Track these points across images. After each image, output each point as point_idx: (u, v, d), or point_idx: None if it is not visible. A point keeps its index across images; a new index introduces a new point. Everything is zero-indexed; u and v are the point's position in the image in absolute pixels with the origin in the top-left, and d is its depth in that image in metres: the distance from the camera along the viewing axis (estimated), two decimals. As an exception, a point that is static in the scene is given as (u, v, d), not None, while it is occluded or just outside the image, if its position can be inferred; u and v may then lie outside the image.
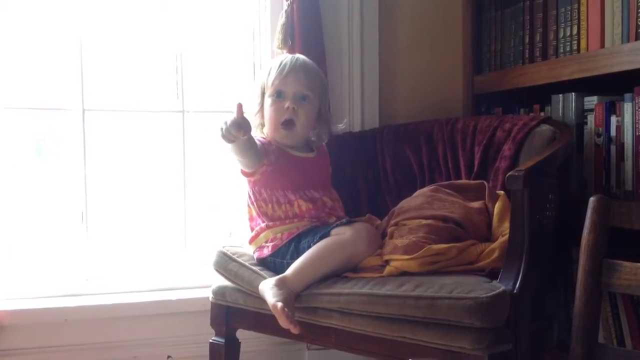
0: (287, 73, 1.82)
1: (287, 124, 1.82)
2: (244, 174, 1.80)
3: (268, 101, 1.84)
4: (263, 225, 1.80)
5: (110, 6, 2.17)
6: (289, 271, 1.65)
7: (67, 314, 2.02)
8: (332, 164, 1.97)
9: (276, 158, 1.80)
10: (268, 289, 1.62)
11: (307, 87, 1.84)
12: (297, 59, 1.86)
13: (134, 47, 2.22)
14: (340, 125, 2.02)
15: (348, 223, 1.72)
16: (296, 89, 1.82)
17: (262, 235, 1.81)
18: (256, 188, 1.82)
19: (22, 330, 1.98)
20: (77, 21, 2.12)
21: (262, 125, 1.88)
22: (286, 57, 1.88)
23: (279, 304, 1.56)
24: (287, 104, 1.81)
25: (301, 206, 1.80)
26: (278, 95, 1.83)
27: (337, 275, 1.65)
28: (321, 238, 1.69)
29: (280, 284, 1.62)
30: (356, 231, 1.68)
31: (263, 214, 1.81)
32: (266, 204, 1.81)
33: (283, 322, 1.57)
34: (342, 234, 1.68)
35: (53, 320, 2.01)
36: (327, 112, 1.93)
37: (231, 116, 1.59)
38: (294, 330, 1.57)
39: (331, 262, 1.65)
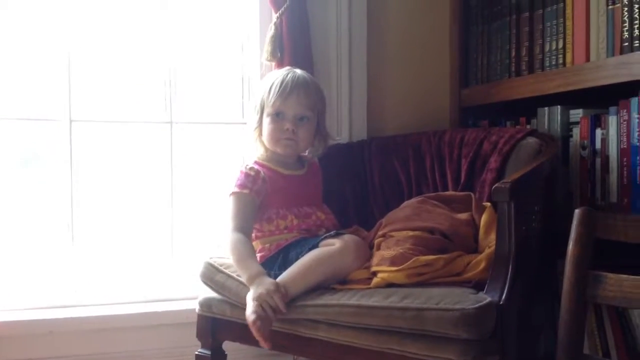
0: (288, 94, 1.79)
1: (288, 139, 1.82)
2: None
3: (267, 119, 1.82)
4: (252, 235, 1.80)
5: (98, 17, 2.17)
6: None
7: (53, 325, 2.01)
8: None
9: (262, 186, 1.79)
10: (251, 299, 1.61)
11: (308, 107, 1.82)
12: (298, 78, 1.82)
13: (121, 58, 2.22)
14: (337, 138, 2.02)
15: (336, 235, 1.72)
16: (296, 110, 1.80)
17: (250, 246, 1.80)
18: None
19: (8, 342, 1.96)
20: (65, 33, 2.12)
21: (260, 135, 1.86)
22: (287, 74, 1.83)
23: (252, 317, 1.56)
24: (286, 126, 1.80)
25: (292, 220, 1.80)
26: (277, 115, 1.81)
27: (324, 286, 1.65)
28: (310, 249, 1.68)
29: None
30: (344, 243, 1.68)
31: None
32: (256, 221, 1.81)
33: (255, 335, 1.56)
34: (330, 245, 1.68)
35: (39, 332, 2.00)
36: (324, 127, 1.92)
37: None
38: (263, 344, 1.56)
39: (319, 273, 1.64)
